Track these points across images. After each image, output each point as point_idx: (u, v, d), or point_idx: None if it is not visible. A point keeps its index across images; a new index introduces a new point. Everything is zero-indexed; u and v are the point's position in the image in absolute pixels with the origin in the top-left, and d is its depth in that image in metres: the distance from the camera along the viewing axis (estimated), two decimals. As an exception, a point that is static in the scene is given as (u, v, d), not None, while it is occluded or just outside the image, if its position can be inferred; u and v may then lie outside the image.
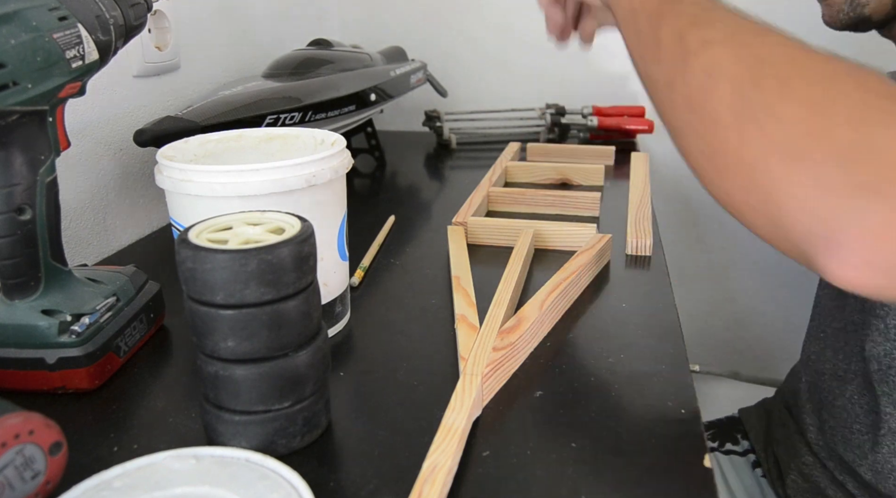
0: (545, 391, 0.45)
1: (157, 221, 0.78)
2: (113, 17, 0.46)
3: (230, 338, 0.36)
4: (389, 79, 0.93)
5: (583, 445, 0.40)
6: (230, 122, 0.65)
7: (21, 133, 0.43)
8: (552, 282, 0.55)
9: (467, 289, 0.57)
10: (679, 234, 1.28)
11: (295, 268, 0.36)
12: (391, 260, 0.67)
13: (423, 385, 0.46)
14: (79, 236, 0.67)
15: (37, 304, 0.45)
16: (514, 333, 0.48)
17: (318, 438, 0.41)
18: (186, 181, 0.45)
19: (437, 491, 0.34)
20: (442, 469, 0.35)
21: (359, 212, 0.81)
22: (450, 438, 0.38)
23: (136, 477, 0.34)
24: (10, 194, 0.43)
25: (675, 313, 0.56)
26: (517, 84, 1.26)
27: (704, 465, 0.38)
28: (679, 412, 0.43)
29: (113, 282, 0.50)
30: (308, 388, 0.39)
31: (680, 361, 0.49)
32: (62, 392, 0.45)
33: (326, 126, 0.80)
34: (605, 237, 0.65)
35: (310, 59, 0.82)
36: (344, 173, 0.50)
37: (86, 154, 0.68)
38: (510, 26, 1.23)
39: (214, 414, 0.39)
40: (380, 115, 1.01)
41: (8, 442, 0.32)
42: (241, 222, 0.40)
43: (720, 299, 1.31)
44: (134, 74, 0.73)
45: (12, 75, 0.40)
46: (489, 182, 0.82)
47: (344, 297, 0.54)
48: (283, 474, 0.34)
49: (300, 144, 0.57)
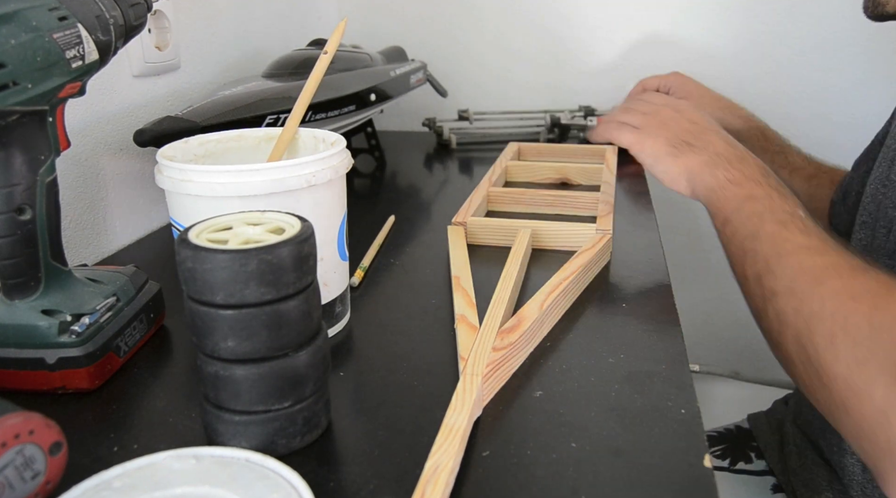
0: (545, 391, 0.45)
1: (157, 221, 0.78)
2: (113, 17, 0.46)
3: (230, 338, 0.36)
4: (389, 79, 0.93)
5: (583, 445, 0.40)
6: (230, 122, 0.65)
7: (21, 133, 0.43)
8: (552, 282, 0.55)
9: (467, 289, 0.57)
10: (679, 235, 1.28)
11: (295, 268, 0.36)
12: (391, 260, 0.67)
13: (422, 385, 0.46)
14: (79, 236, 0.67)
15: (37, 304, 0.45)
16: (514, 333, 0.48)
17: (318, 438, 0.41)
18: (186, 181, 0.45)
19: (439, 492, 0.34)
20: (444, 470, 0.35)
21: (359, 212, 0.81)
22: (451, 438, 0.38)
23: (136, 477, 0.34)
24: (10, 194, 0.43)
25: (675, 313, 0.56)
26: (517, 83, 1.26)
27: (704, 465, 0.38)
28: (679, 412, 0.43)
29: (113, 282, 0.50)
30: (308, 388, 0.39)
31: (680, 361, 0.48)
32: (62, 392, 0.45)
33: (326, 126, 0.80)
34: (604, 237, 0.65)
35: (310, 59, 0.82)
36: (344, 173, 0.50)
37: (86, 154, 0.68)
38: (510, 26, 1.23)
39: (214, 414, 0.39)
40: (380, 115, 1.01)
41: (8, 442, 0.32)
42: (241, 222, 0.40)
43: (720, 299, 1.31)
44: (134, 74, 0.73)
45: (12, 75, 0.39)
46: (489, 182, 0.82)
47: (344, 297, 0.54)
48: (283, 474, 0.34)
49: (300, 144, 0.57)
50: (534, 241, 0.68)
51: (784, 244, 0.48)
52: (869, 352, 0.38)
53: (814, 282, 0.45)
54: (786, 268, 0.47)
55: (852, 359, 0.39)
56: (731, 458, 0.81)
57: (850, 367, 0.38)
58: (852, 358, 0.39)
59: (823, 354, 0.41)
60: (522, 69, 1.24)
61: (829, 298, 0.43)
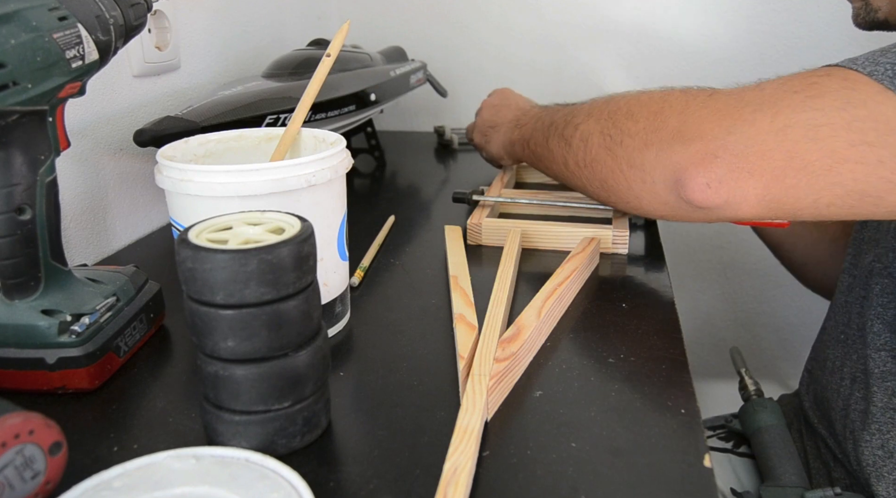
0: (545, 391, 0.45)
1: (157, 221, 0.78)
2: (113, 17, 0.46)
3: (230, 338, 0.36)
4: (389, 79, 0.93)
5: (583, 445, 0.40)
6: (230, 122, 0.65)
7: (21, 133, 0.42)
8: (547, 288, 0.55)
9: (465, 288, 0.57)
10: (679, 235, 1.28)
11: (295, 268, 0.36)
12: (391, 260, 0.67)
13: (422, 385, 0.46)
14: (79, 236, 0.67)
15: (37, 304, 0.45)
16: (514, 343, 0.47)
17: (318, 438, 0.41)
18: (186, 181, 0.45)
19: (461, 493, 0.34)
20: (463, 471, 0.36)
21: (359, 212, 0.81)
22: (468, 439, 0.38)
23: (136, 477, 0.34)
24: (10, 194, 0.43)
25: (675, 313, 0.56)
26: (518, 84, 1.26)
27: (704, 465, 0.38)
28: (679, 412, 0.43)
29: (113, 282, 0.50)
30: (308, 388, 0.39)
31: (680, 361, 0.49)
32: (62, 392, 0.45)
33: (326, 126, 0.80)
34: (593, 240, 0.65)
35: (310, 59, 0.82)
36: (344, 173, 0.50)
37: (86, 154, 0.68)
38: (511, 26, 1.23)
39: (214, 414, 0.39)
40: (380, 115, 1.01)
41: (8, 442, 0.32)
42: (241, 222, 0.40)
43: (720, 299, 1.31)
44: (134, 74, 0.73)
45: (12, 75, 0.39)
46: (500, 183, 0.82)
47: (344, 297, 0.54)
48: (283, 474, 0.34)
49: (301, 144, 0.57)
50: (531, 241, 0.68)
51: (572, 115, 0.63)
52: (658, 105, 0.53)
53: (607, 100, 0.60)
54: (579, 109, 0.62)
55: (648, 113, 0.53)
56: (734, 441, 0.82)
57: (648, 118, 0.53)
58: (648, 113, 0.53)
59: (625, 124, 0.55)
60: (522, 69, 1.24)
61: (622, 98, 0.58)
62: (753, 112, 0.48)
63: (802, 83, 0.48)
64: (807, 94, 0.47)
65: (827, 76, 0.48)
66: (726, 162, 0.48)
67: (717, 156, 0.48)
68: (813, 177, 0.46)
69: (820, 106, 0.46)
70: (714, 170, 0.48)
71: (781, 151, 0.47)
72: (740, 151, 0.48)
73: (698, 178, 0.49)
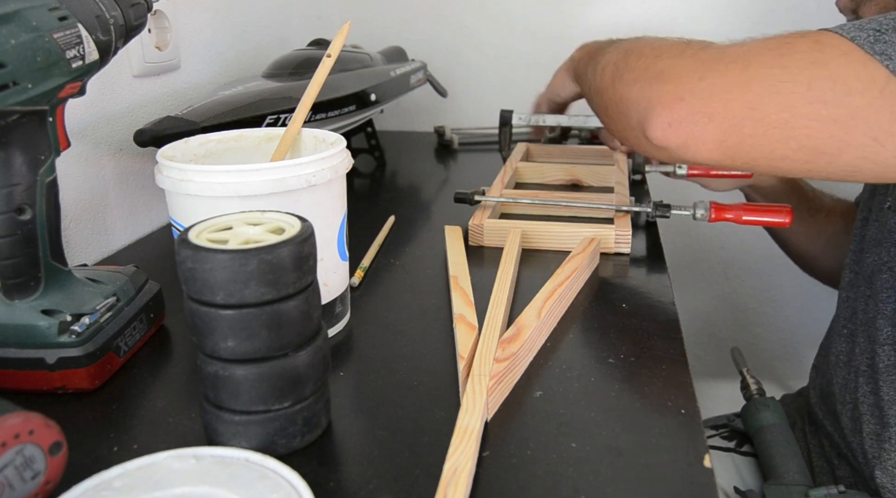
0: (545, 391, 0.45)
1: (157, 221, 0.78)
2: (113, 17, 0.46)
3: (230, 338, 0.36)
4: (389, 79, 0.93)
5: (583, 445, 0.40)
6: (230, 123, 0.65)
7: (21, 133, 0.42)
8: (547, 288, 0.55)
9: (465, 288, 0.57)
10: (679, 235, 1.28)
11: (295, 268, 0.36)
12: (391, 260, 0.67)
13: (422, 385, 0.46)
14: (79, 236, 0.67)
15: (37, 304, 0.45)
16: (514, 343, 0.47)
17: (318, 438, 0.41)
18: (186, 181, 0.45)
19: (461, 493, 0.34)
20: (463, 471, 0.36)
21: (359, 212, 0.81)
22: (467, 439, 0.38)
23: (136, 477, 0.34)
24: (10, 194, 0.43)
25: (675, 313, 0.56)
26: (518, 83, 1.26)
27: (704, 465, 0.38)
28: (679, 412, 0.43)
29: (113, 282, 0.50)
30: (308, 388, 0.39)
31: (680, 362, 0.49)
32: (62, 392, 0.45)
33: (326, 126, 0.80)
34: (594, 240, 0.65)
35: (310, 59, 0.82)
36: (344, 173, 0.50)
37: (86, 154, 0.68)
38: (511, 26, 1.23)
39: (214, 414, 0.39)
40: (380, 115, 1.01)
41: (8, 442, 0.32)
42: (241, 222, 0.40)
43: (720, 299, 1.31)
44: (134, 74, 0.73)
45: (12, 75, 0.39)
46: (501, 183, 0.81)
47: (344, 297, 0.54)
48: (283, 474, 0.34)
49: (301, 144, 0.57)
50: (532, 241, 0.68)
51: (610, 44, 0.65)
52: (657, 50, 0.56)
53: (635, 39, 0.62)
54: (619, 42, 0.64)
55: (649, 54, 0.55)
56: (737, 440, 0.82)
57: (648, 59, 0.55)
58: (649, 54, 0.55)
59: (631, 61, 0.57)
60: (523, 69, 1.24)
61: (643, 40, 0.60)
62: (728, 64, 0.51)
63: (778, 42, 0.50)
64: (778, 52, 0.49)
65: (801, 38, 0.50)
66: (689, 104, 0.50)
67: (682, 98, 0.50)
68: (770, 128, 0.48)
69: (787, 64, 0.48)
70: (677, 111, 0.50)
71: (743, 102, 0.49)
72: (705, 97, 0.50)
73: (662, 117, 0.51)
